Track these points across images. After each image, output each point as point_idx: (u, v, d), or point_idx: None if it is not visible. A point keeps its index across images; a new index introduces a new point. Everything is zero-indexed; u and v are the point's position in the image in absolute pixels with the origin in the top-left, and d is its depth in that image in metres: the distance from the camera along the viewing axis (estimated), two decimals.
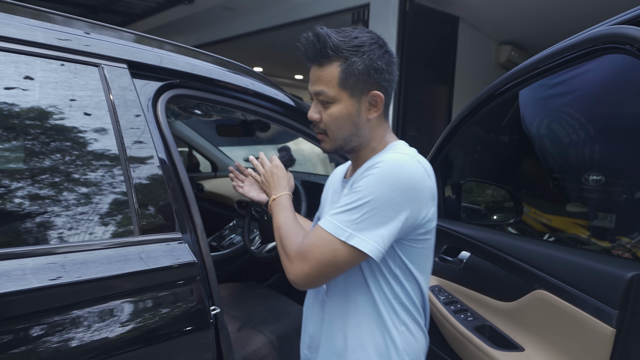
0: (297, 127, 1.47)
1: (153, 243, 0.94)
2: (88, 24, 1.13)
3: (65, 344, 0.78)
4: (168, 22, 7.38)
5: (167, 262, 0.92)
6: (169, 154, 1.06)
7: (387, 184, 0.81)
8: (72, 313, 0.80)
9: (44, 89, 0.90)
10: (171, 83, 1.15)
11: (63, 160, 0.89)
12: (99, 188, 0.92)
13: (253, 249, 1.89)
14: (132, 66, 1.06)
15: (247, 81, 1.35)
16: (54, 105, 0.91)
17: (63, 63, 0.95)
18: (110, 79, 1.00)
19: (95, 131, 0.95)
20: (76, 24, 1.08)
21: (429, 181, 0.87)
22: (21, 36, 0.89)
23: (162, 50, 1.19)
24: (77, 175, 0.90)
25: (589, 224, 2.09)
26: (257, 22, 6.64)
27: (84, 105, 0.95)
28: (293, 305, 1.81)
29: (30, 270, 0.77)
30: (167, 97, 1.13)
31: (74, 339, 0.79)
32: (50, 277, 0.78)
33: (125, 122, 0.99)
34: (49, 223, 0.84)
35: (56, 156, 0.89)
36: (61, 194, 0.87)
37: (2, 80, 0.85)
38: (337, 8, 5.37)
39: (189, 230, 1.03)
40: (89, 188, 0.90)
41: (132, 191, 0.95)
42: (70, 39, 0.97)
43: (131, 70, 1.05)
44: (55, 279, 0.78)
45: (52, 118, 0.91)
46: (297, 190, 1.82)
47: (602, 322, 0.87)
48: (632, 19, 0.82)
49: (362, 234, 0.81)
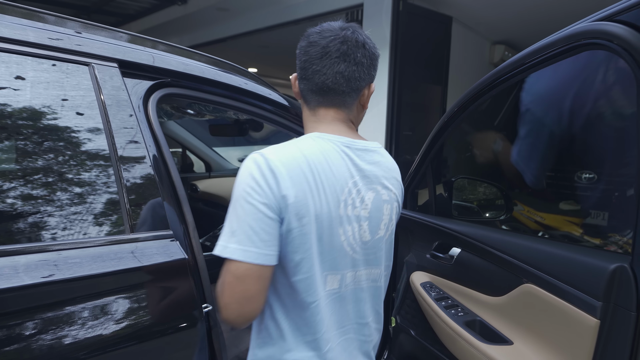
0: (291, 126, 1.48)
1: (144, 241, 0.95)
2: (80, 23, 1.13)
3: (58, 341, 0.78)
4: (162, 23, 7.36)
5: (158, 259, 0.93)
6: (160, 152, 1.07)
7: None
8: (66, 309, 0.80)
9: (35, 88, 0.91)
10: (162, 82, 1.16)
11: (55, 159, 0.90)
12: (91, 187, 0.92)
13: None
14: (122, 65, 1.07)
15: (240, 81, 1.36)
16: (45, 105, 0.92)
17: (54, 63, 0.95)
18: (101, 78, 1.01)
19: (86, 130, 0.95)
20: (68, 23, 1.09)
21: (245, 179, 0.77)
22: (12, 35, 0.90)
23: (154, 49, 1.20)
24: (69, 174, 0.91)
25: (581, 222, 2.11)
26: (251, 23, 6.65)
27: (75, 104, 0.96)
28: None
29: (23, 268, 0.77)
30: (158, 96, 1.14)
31: (68, 336, 0.79)
32: (43, 275, 0.78)
33: (116, 121, 1.00)
34: (42, 222, 0.84)
35: (48, 155, 0.89)
36: (53, 193, 0.88)
37: (2, 81, 0.85)
38: (331, 8, 5.39)
39: (180, 228, 1.04)
40: (81, 187, 0.91)
41: (123, 190, 0.95)
42: (62, 38, 0.98)
43: (122, 69, 1.06)
44: (48, 276, 0.79)
45: (44, 117, 0.91)
46: None
47: (586, 314, 0.89)
48: (612, 15, 0.83)
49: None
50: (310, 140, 0.83)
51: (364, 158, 0.86)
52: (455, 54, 5.53)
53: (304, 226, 0.77)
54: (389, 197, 0.90)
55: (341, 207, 0.82)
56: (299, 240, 0.78)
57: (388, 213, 0.90)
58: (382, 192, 0.88)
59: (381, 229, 0.90)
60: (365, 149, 0.87)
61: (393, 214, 0.93)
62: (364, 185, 0.85)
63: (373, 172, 0.87)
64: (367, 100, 0.92)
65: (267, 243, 0.75)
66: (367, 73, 0.87)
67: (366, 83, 0.88)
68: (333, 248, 0.82)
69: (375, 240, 0.89)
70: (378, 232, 0.89)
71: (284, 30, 6.29)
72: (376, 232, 0.89)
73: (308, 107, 0.91)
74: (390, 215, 0.92)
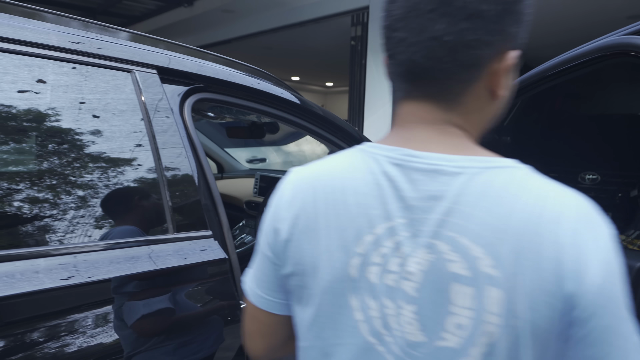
0: (310, 127, 1.52)
1: (187, 240, 0.99)
2: (116, 30, 1.18)
3: (110, 334, 0.82)
4: (167, 25, 7.41)
5: (204, 258, 0.98)
6: (196, 155, 1.11)
7: None
8: (119, 303, 0.85)
9: (83, 94, 0.95)
10: (197, 87, 1.20)
11: (101, 162, 0.94)
12: (135, 188, 0.96)
13: None
14: (161, 72, 1.11)
15: (270, 86, 1.41)
16: (91, 109, 0.96)
17: (98, 69, 0.99)
18: (143, 84, 1.05)
19: (130, 134, 1.00)
20: (109, 30, 1.13)
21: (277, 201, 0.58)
22: (68, 45, 0.94)
23: (188, 56, 1.24)
24: (121, 175, 0.95)
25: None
26: (256, 25, 6.69)
27: (118, 108, 1.00)
28: None
29: (106, 262, 0.82)
30: (193, 101, 1.18)
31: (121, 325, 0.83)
32: (104, 270, 0.83)
33: (158, 125, 1.04)
34: (97, 220, 0.88)
35: (95, 158, 0.93)
36: (99, 194, 0.92)
37: (53, 87, 0.89)
38: (337, 11, 5.44)
39: (217, 228, 1.08)
40: (130, 188, 0.95)
41: (166, 191, 1.00)
42: (105, 47, 1.02)
43: (160, 76, 1.10)
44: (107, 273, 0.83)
45: (92, 122, 0.95)
46: None
47: None
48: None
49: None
50: (342, 156, 0.55)
51: (426, 188, 0.47)
52: None
53: (301, 276, 0.54)
54: (473, 273, 0.44)
55: (354, 264, 0.49)
56: (298, 294, 0.55)
57: (476, 306, 0.44)
58: (451, 257, 0.45)
59: (451, 332, 0.45)
60: (436, 170, 0.47)
61: (503, 314, 0.43)
62: (410, 236, 0.47)
63: (442, 217, 0.46)
64: (502, 81, 0.50)
65: (262, 284, 0.59)
66: (494, 30, 0.46)
67: (494, 50, 0.47)
68: (340, 330, 0.51)
69: (437, 350, 0.46)
70: (441, 335, 0.46)
71: (288, 32, 6.34)
72: (437, 333, 0.46)
73: (394, 103, 0.58)
74: (483, 313, 0.44)
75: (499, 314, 0.43)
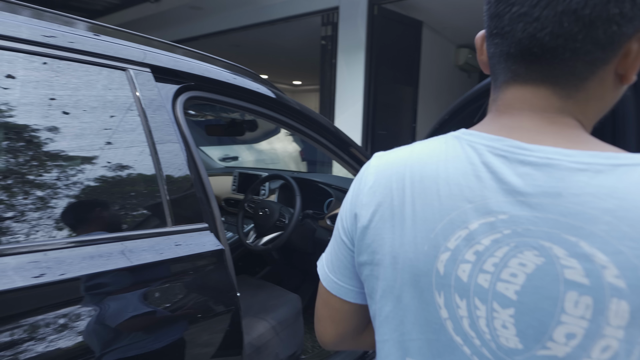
0: (296, 126, 1.59)
1: (185, 232, 1.03)
2: (106, 28, 1.19)
3: (107, 325, 0.86)
4: (132, 20, 7.21)
5: (203, 249, 1.02)
6: (189, 150, 1.15)
7: None
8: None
9: (81, 91, 0.97)
10: (187, 85, 1.24)
11: (107, 157, 0.97)
12: (135, 182, 1.00)
13: (249, 242, 1.98)
14: (154, 70, 1.14)
15: (257, 85, 1.46)
16: (87, 106, 0.98)
17: (94, 67, 1.02)
18: (137, 82, 1.08)
19: (128, 130, 1.03)
20: (95, 27, 1.14)
21: (357, 184, 0.57)
22: (65, 44, 0.96)
23: (178, 55, 1.28)
24: (126, 170, 0.99)
25: None
26: (225, 22, 6.64)
27: (114, 105, 1.02)
28: (288, 293, 1.92)
29: (107, 255, 0.85)
30: (184, 99, 1.22)
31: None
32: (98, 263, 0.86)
33: (154, 122, 1.07)
34: (104, 212, 0.91)
35: (100, 153, 0.96)
36: (112, 189, 0.94)
37: (50, 85, 0.91)
38: (307, 10, 5.50)
39: (211, 221, 1.13)
40: (131, 183, 0.98)
41: (165, 185, 1.03)
42: (101, 45, 1.04)
43: (154, 74, 1.13)
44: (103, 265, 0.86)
45: (91, 118, 0.98)
46: (291, 186, 1.93)
47: None
48: None
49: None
50: (434, 142, 0.51)
51: (537, 184, 0.42)
52: (425, 57, 5.79)
53: (376, 266, 0.52)
54: (595, 282, 0.39)
55: (443, 259, 0.46)
56: (371, 285, 0.54)
57: (594, 318, 0.39)
58: (568, 263, 0.40)
59: (557, 341, 0.41)
60: (550, 165, 0.42)
61: (626, 328, 0.39)
62: (513, 235, 0.43)
63: (558, 217, 0.41)
64: (637, 63, 0.45)
65: (336, 269, 0.59)
66: (638, 4, 0.41)
67: (635, 27, 0.42)
68: (422, 325, 0.49)
69: (536, 358, 0.42)
70: (546, 344, 0.41)
71: (258, 30, 6.33)
72: (541, 342, 0.42)
73: (493, 87, 0.52)
74: (604, 326, 0.39)
75: (622, 327, 0.38)
